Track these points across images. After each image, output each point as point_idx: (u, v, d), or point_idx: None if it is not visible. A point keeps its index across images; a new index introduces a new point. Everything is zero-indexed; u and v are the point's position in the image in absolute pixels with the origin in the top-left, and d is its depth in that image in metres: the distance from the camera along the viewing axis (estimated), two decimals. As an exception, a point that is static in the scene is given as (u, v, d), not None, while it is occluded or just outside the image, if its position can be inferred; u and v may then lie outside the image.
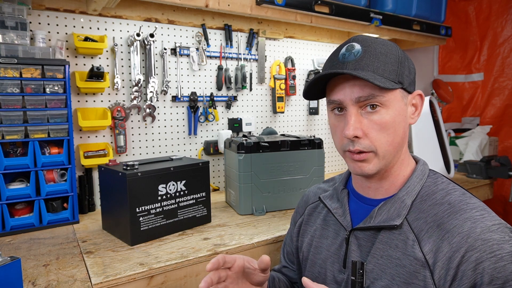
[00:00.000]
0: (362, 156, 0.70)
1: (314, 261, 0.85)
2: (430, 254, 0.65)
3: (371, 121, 0.69)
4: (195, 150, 1.88)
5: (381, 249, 0.71)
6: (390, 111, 0.69)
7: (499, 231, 0.62)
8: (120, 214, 1.20)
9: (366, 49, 0.69)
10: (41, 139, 1.31)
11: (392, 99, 0.69)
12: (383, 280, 0.69)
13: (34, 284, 0.91)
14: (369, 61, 0.68)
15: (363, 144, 0.70)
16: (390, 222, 0.70)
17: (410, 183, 0.73)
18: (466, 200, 0.68)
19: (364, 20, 1.90)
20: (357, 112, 0.70)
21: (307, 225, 0.92)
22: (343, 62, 0.70)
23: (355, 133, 0.69)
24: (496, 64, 2.64)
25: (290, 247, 0.98)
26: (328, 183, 0.95)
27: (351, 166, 0.74)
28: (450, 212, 0.67)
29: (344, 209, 0.81)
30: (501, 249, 0.60)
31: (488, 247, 0.60)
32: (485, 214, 0.65)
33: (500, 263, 0.59)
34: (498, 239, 0.61)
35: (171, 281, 1.04)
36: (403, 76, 0.70)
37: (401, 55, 0.71)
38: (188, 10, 1.77)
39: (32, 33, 1.37)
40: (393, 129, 0.70)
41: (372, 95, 0.68)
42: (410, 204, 0.71)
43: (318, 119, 2.34)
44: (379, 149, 0.70)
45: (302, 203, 0.97)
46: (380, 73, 0.68)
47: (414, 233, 0.68)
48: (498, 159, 2.19)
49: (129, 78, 1.65)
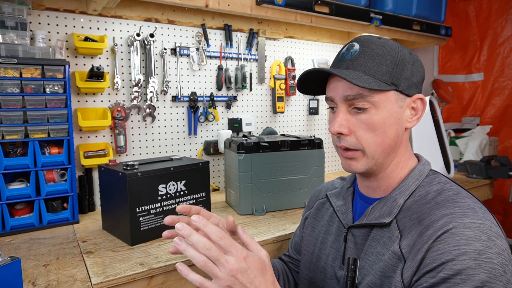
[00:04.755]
0: (350, 154, 0.72)
1: (319, 256, 0.87)
2: (407, 248, 0.65)
3: (359, 120, 0.70)
4: (195, 150, 1.88)
5: (372, 246, 0.72)
6: (380, 112, 0.69)
7: (477, 229, 0.60)
8: (120, 214, 1.20)
9: (364, 50, 0.70)
10: (41, 139, 1.31)
11: (384, 100, 0.69)
12: (370, 276, 0.70)
13: (34, 284, 0.91)
14: (363, 61, 0.69)
15: (348, 141, 0.71)
16: (380, 220, 0.71)
17: (404, 183, 0.74)
18: (455, 199, 0.67)
19: (364, 20, 1.90)
20: (346, 110, 0.71)
21: (314, 219, 0.94)
22: (340, 60, 0.73)
23: (339, 129, 0.71)
24: (496, 64, 2.64)
25: (298, 237, 1.01)
26: (341, 180, 0.97)
27: (342, 163, 0.76)
28: (432, 208, 0.67)
29: (347, 207, 0.82)
30: (468, 245, 0.58)
31: (455, 240, 0.59)
32: (469, 212, 0.63)
33: (461, 257, 0.57)
34: (470, 236, 0.59)
35: (171, 281, 1.04)
36: (400, 78, 0.70)
37: (401, 57, 0.70)
38: (188, 10, 1.77)
39: (32, 33, 1.37)
40: (382, 130, 0.70)
41: (360, 94, 0.68)
42: (402, 203, 0.71)
43: (318, 119, 2.34)
44: (367, 149, 0.71)
45: (314, 197, 1.00)
46: (371, 73, 0.68)
47: (399, 230, 0.69)
48: (498, 159, 2.19)
49: (129, 78, 1.65)
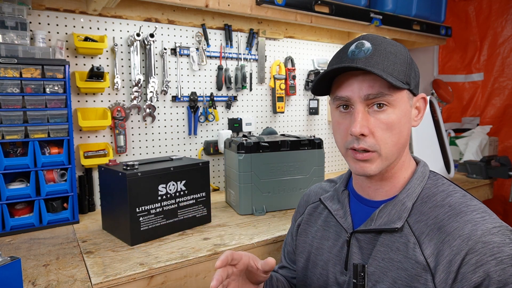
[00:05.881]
0: (366, 155, 0.69)
1: (315, 262, 0.85)
2: (432, 257, 0.64)
3: (378, 120, 0.68)
4: (195, 150, 1.88)
5: (382, 251, 0.71)
6: (397, 111, 0.69)
7: (500, 233, 0.62)
8: (120, 214, 1.20)
9: (376, 48, 0.69)
10: (41, 139, 1.31)
11: (399, 99, 0.69)
12: (385, 283, 0.69)
13: (34, 284, 0.91)
14: (379, 59, 0.67)
15: (368, 142, 0.68)
16: (391, 225, 0.70)
17: (410, 185, 0.73)
18: (466, 202, 0.68)
19: (364, 20, 1.90)
20: (364, 110, 0.69)
21: (307, 225, 0.91)
22: (353, 58, 0.69)
23: (361, 130, 0.67)
24: (496, 64, 2.64)
25: (291, 246, 0.98)
26: (330, 183, 0.94)
27: (353, 166, 0.72)
28: (450, 214, 0.66)
29: (345, 211, 0.80)
30: (501, 252, 0.60)
31: (489, 249, 0.60)
32: (486, 216, 0.65)
33: (500, 266, 0.59)
34: (499, 242, 0.61)
35: (171, 281, 1.04)
36: (411, 78, 0.70)
37: (410, 56, 0.72)
38: (188, 10, 1.77)
39: (32, 33, 1.37)
40: (399, 129, 0.69)
41: (381, 93, 0.67)
42: (411, 206, 0.71)
43: (318, 119, 2.34)
44: (383, 149, 0.69)
45: (303, 202, 0.97)
46: (389, 72, 0.67)
47: (415, 236, 0.68)
48: (498, 159, 2.18)
49: (129, 78, 1.65)
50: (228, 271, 0.72)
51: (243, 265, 0.74)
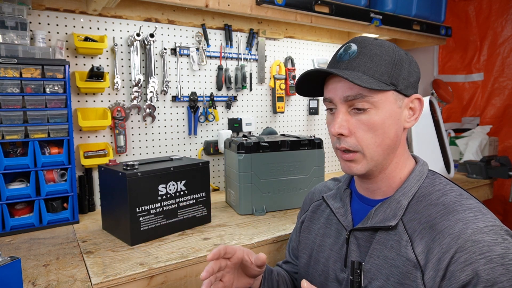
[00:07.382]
0: (350, 156, 0.72)
1: (317, 259, 0.86)
2: (422, 255, 0.65)
3: (359, 120, 0.70)
4: (195, 150, 1.88)
5: (378, 249, 0.72)
6: (380, 112, 0.70)
7: (492, 232, 0.61)
8: (120, 214, 1.20)
9: (361, 50, 0.71)
10: (41, 139, 1.31)
11: (383, 101, 0.69)
12: (379, 280, 0.70)
13: (34, 284, 0.92)
14: (362, 62, 0.70)
15: (349, 142, 0.71)
16: (386, 222, 0.71)
17: (406, 184, 0.74)
18: (461, 201, 0.68)
19: (364, 20, 1.90)
20: (345, 111, 0.71)
21: (310, 222, 0.93)
22: (338, 61, 0.73)
23: (339, 130, 0.70)
24: (496, 64, 2.64)
25: (295, 242, 1.00)
26: (334, 182, 0.96)
27: (342, 165, 0.76)
28: (443, 213, 0.67)
29: (346, 209, 0.82)
30: (491, 251, 0.59)
31: (478, 248, 0.60)
32: (479, 215, 0.64)
33: (489, 264, 0.58)
34: (489, 241, 0.60)
35: (171, 281, 1.04)
36: (398, 79, 0.70)
37: (399, 57, 0.71)
38: (188, 10, 1.77)
39: (32, 33, 1.37)
40: (382, 130, 0.70)
41: (360, 94, 0.69)
42: (406, 205, 0.71)
43: (318, 119, 2.34)
44: (366, 150, 0.71)
45: (308, 200, 0.99)
46: (370, 73, 0.69)
47: (408, 234, 0.68)
48: (498, 159, 2.19)
49: (129, 78, 1.65)
50: (221, 264, 0.77)
51: (237, 258, 0.79)
